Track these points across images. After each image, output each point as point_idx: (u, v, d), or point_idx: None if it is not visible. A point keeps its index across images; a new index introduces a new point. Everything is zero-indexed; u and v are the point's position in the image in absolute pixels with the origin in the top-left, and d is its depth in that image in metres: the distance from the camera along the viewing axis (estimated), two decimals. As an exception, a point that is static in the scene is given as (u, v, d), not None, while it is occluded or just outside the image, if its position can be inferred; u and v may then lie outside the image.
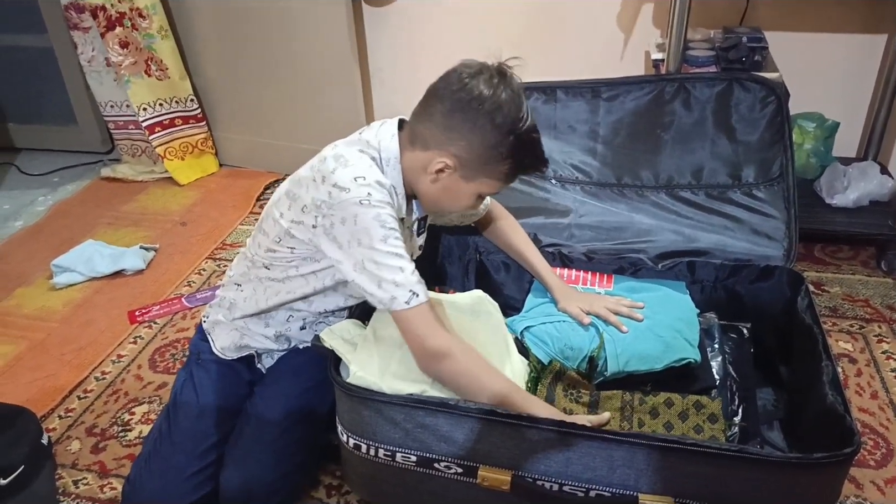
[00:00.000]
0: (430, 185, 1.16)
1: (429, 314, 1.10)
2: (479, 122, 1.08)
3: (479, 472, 1.09)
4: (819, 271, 1.97)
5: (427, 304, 1.10)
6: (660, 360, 1.29)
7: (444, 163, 1.11)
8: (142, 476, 1.24)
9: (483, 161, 1.11)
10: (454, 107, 1.10)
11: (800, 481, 1.00)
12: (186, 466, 1.22)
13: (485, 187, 1.16)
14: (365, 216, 1.07)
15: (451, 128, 1.10)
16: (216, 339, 1.38)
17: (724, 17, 2.12)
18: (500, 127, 1.08)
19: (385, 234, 1.07)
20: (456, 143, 1.11)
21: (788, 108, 1.51)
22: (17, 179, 2.77)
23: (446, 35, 2.42)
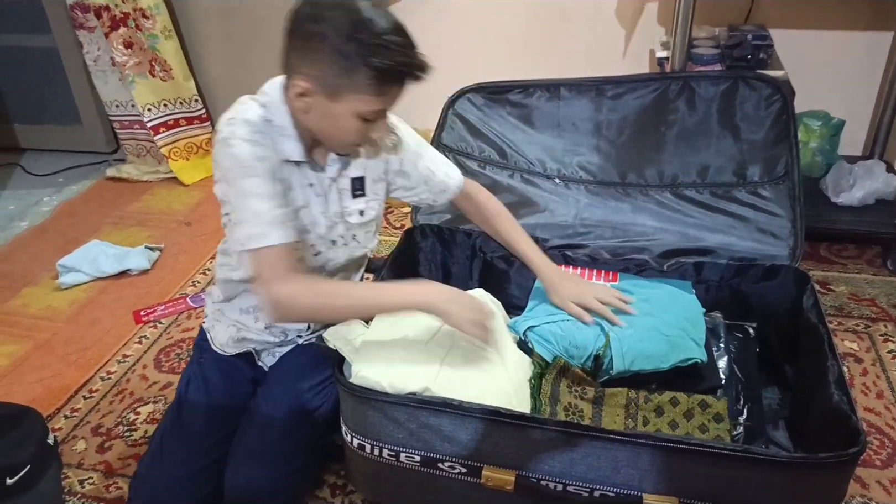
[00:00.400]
0: (306, 115, 1.12)
1: (277, 259, 1.08)
2: (317, 33, 1.06)
3: (483, 472, 1.09)
4: (825, 270, 1.96)
5: (280, 249, 1.08)
6: (666, 359, 1.29)
7: (300, 86, 1.09)
8: (148, 472, 1.24)
9: (336, 74, 1.06)
10: (295, 27, 1.09)
11: (805, 481, 0.99)
12: (192, 462, 1.23)
13: (359, 104, 1.08)
14: (225, 154, 1.10)
15: (296, 48, 1.09)
16: (215, 336, 1.39)
17: (730, 15, 2.11)
18: (339, 34, 1.04)
19: (241, 171, 1.09)
20: (305, 62, 1.08)
21: (794, 107, 1.51)
22: (22, 180, 2.78)
23: (449, 35, 2.41)
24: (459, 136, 1.64)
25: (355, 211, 1.28)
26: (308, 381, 1.29)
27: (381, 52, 1.04)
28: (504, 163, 1.64)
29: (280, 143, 1.16)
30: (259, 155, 1.10)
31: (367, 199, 1.28)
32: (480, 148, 1.64)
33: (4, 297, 2.04)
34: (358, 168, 1.26)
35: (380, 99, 1.09)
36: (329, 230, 1.26)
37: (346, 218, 1.27)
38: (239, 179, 1.09)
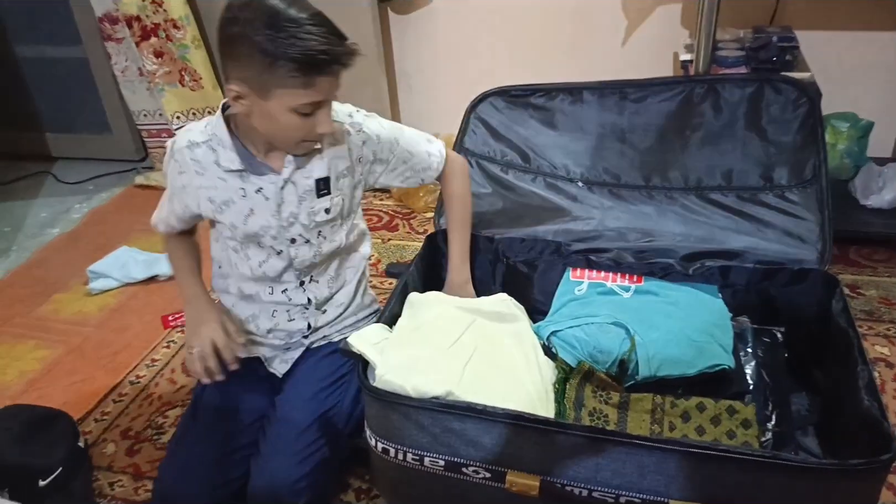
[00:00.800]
0: (249, 119, 1.15)
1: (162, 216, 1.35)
2: (237, 35, 1.07)
3: (508, 477, 1.08)
4: (854, 274, 1.93)
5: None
6: (693, 364, 1.28)
7: (233, 90, 1.10)
8: (167, 470, 1.27)
9: (260, 71, 1.06)
10: (220, 33, 1.10)
11: (836, 488, 0.98)
12: (209, 456, 1.25)
13: (289, 98, 1.09)
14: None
15: (224, 53, 1.11)
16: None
17: (754, 17, 2.09)
18: (255, 30, 1.04)
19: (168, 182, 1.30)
20: (233, 65, 1.09)
21: (821, 109, 1.49)
22: (53, 188, 2.84)
23: (472, 40, 2.42)
24: (482, 140, 1.64)
25: (321, 209, 1.29)
26: (321, 383, 1.33)
27: (298, 43, 1.04)
28: (527, 167, 1.64)
29: (221, 154, 1.22)
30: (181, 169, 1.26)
31: (332, 196, 1.30)
32: (503, 152, 1.64)
33: (37, 303, 2.09)
34: (321, 168, 1.27)
35: (309, 91, 1.09)
36: (283, 230, 1.28)
37: (314, 217, 1.29)
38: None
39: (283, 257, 1.30)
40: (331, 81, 1.10)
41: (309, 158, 1.25)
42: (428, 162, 1.39)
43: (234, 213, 1.26)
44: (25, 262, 2.32)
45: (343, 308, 1.41)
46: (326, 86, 1.10)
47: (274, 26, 1.04)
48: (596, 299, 1.46)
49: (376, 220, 2.40)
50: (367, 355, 1.17)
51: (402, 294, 1.37)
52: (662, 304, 1.42)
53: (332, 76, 1.10)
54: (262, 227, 1.26)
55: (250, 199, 1.24)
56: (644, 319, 1.36)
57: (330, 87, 1.11)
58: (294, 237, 1.29)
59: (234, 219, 1.26)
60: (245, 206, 1.25)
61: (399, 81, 2.58)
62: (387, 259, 2.18)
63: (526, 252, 1.58)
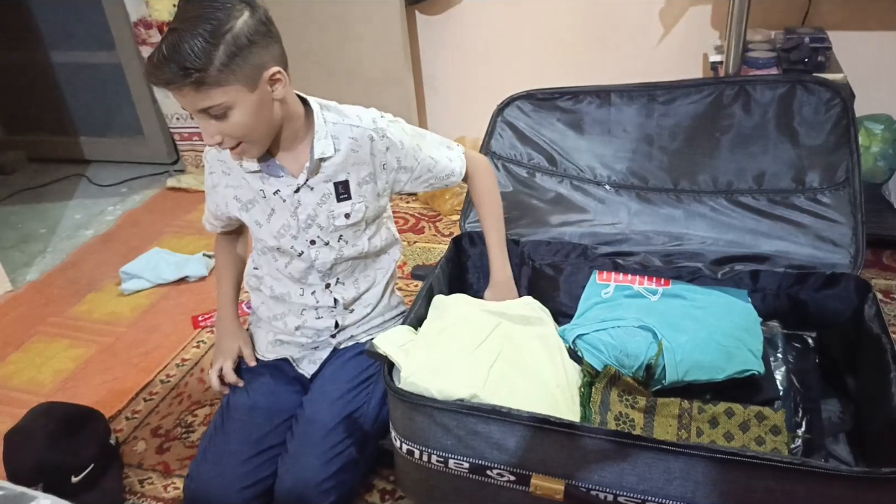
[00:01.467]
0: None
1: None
2: None
3: (532, 481, 1.08)
4: (888, 279, 1.89)
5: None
6: (722, 370, 1.26)
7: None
8: (199, 467, 1.29)
9: None
10: None
11: (867, 497, 0.96)
12: (240, 453, 1.27)
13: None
14: None
15: None
16: (256, 341, 1.47)
17: (786, 18, 2.07)
18: None
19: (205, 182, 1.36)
20: None
21: (854, 111, 1.46)
22: (88, 190, 2.89)
23: (499, 42, 2.42)
24: (509, 143, 1.64)
25: (341, 214, 1.30)
26: (348, 384, 1.35)
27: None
28: (553, 170, 1.63)
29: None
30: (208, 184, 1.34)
31: (353, 202, 1.30)
32: (530, 155, 1.64)
33: (71, 303, 2.13)
34: (340, 173, 1.28)
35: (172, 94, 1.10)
36: (302, 232, 1.30)
37: (333, 221, 1.30)
38: None
39: (305, 259, 1.32)
40: (177, 96, 1.09)
41: (328, 162, 1.26)
42: (451, 168, 1.39)
43: (259, 212, 1.30)
44: (60, 263, 2.37)
45: (370, 308, 1.42)
46: (178, 97, 1.09)
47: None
48: (623, 302, 1.45)
49: (402, 223, 2.41)
50: (393, 357, 1.17)
51: (427, 296, 1.37)
52: (690, 307, 1.40)
53: (172, 89, 1.08)
54: (283, 227, 1.29)
55: (269, 199, 1.28)
56: (672, 323, 1.34)
57: (180, 100, 1.10)
58: (313, 239, 1.31)
59: (259, 217, 1.30)
60: (266, 206, 1.29)
61: (426, 84, 2.59)
62: (413, 261, 2.19)
63: (552, 255, 1.57)
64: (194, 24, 1.04)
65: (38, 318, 2.08)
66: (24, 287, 2.24)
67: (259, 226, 1.31)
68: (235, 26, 1.06)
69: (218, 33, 1.05)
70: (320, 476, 1.23)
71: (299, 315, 1.39)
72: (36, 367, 1.86)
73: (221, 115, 1.12)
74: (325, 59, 2.45)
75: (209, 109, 1.10)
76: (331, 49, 2.42)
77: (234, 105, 1.11)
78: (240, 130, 1.15)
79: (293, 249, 1.31)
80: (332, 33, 2.38)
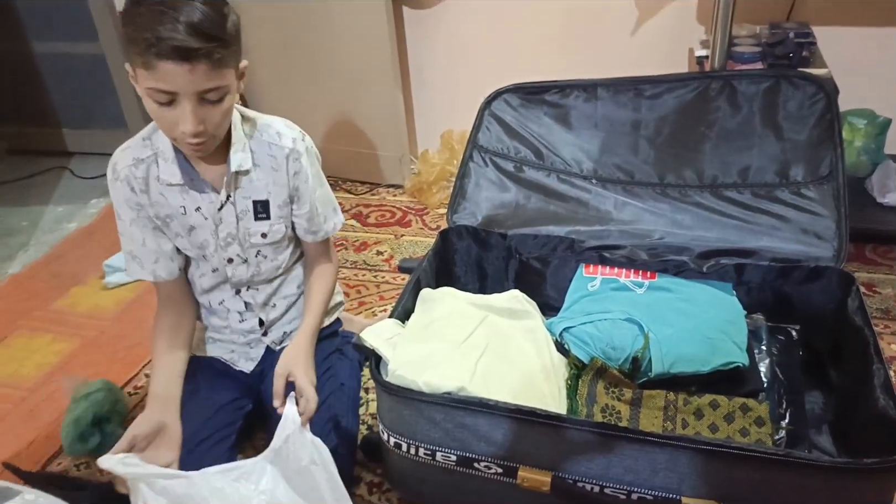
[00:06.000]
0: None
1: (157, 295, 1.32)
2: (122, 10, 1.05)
3: (519, 473, 1.09)
4: (870, 272, 1.91)
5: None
6: (707, 362, 1.27)
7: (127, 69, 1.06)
8: None
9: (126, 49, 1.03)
10: None
11: (849, 488, 0.97)
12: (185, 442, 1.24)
13: (142, 78, 1.03)
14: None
15: None
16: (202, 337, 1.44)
17: (771, 13, 2.08)
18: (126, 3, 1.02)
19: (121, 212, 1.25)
20: None
21: (838, 105, 1.47)
22: (70, 183, 2.86)
23: (486, 35, 2.42)
24: (496, 137, 1.64)
25: (257, 233, 1.27)
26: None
27: (139, 20, 0.99)
28: (541, 164, 1.64)
29: (162, 168, 1.19)
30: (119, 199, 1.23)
31: (272, 222, 1.27)
32: (517, 149, 1.64)
33: (54, 297, 2.11)
34: (261, 191, 1.24)
35: (151, 75, 1.01)
36: (221, 250, 1.27)
37: (249, 238, 1.27)
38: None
39: (219, 275, 1.30)
40: (177, 70, 1.00)
41: (248, 178, 1.22)
42: (323, 227, 1.35)
43: (178, 226, 1.25)
44: (43, 256, 2.34)
45: (294, 298, 1.40)
46: (172, 75, 1.01)
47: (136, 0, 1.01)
48: (609, 295, 1.45)
49: (389, 216, 2.41)
50: (380, 350, 1.18)
51: (414, 290, 1.37)
52: (676, 300, 1.41)
53: (176, 63, 1.00)
54: (203, 243, 1.26)
55: (190, 216, 1.23)
56: (658, 316, 1.35)
57: (178, 78, 1.01)
58: (231, 257, 1.28)
59: (179, 230, 1.25)
60: (186, 222, 1.24)
61: (413, 77, 2.58)
62: (399, 255, 2.18)
63: (539, 248, 1.58)
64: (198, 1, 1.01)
65: (21, 311, 2.05)
66: (6, 281, 2.22)
67: (181, 237, 1.27)
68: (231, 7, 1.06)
69: (226, 10, 1.04)
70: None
71: (224, 318, 1.37)
72: (19, 362, 1.84)
73: (217, 101, 1.07)
74: (310, 53, 2.44)
75: (211, 92, 1.05)
76: (316, 44, 2.41)
77: (230, 90, 1.09)
78: (223, 119, 1.11)
79: (209, 264, 1.29)
80: (317, 27, 2.37)
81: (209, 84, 1.04)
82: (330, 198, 1.37)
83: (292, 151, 1.24)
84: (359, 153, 2.58)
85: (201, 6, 1.01)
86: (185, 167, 1.19)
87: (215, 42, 1.01)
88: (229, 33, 1.05)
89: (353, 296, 1.99)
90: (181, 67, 1.00)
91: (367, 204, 2.50)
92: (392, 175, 2.58)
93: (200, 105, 1.06)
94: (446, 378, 1.12)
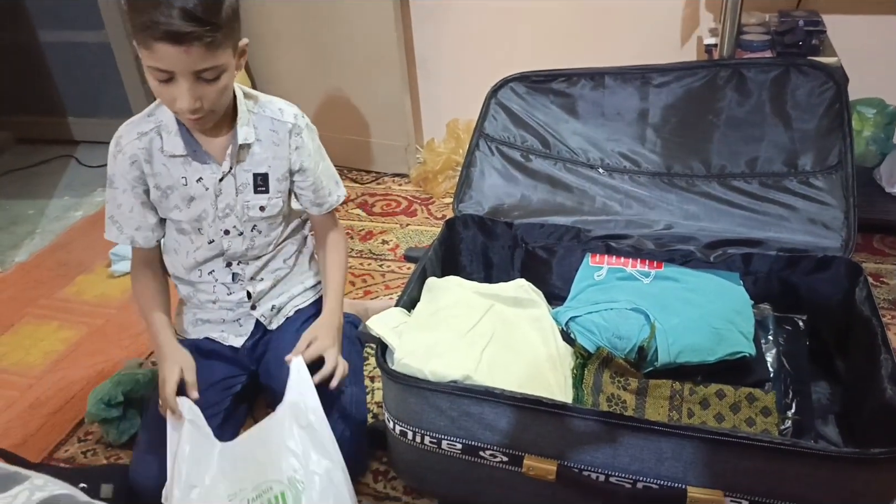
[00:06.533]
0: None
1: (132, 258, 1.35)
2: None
3: (525, 462, 1.09)
4: (878, 262, 1.91)
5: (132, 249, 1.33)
6: (713, 352, 1.27)
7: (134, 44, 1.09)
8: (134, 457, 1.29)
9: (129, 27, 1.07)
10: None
11: (856, 478, 0.97)
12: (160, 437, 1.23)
13: (142, 55, 1.08)
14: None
15: None
16: (180, 320, 1.44)
17: (780, 1, 2.06)
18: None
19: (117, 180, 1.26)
20: None
21: (847, 94, 1.46)
22: (76, 171, 2.86)
23: (493, 25, 2.40)
24: (502, 125, 1.64)
25: (256, 206, 1.30)
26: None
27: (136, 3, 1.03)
28: (547, 152, 1.63)
29: (165, 140, 1.23)
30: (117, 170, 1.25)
31: (270, 195, 1.30)
32: (523, 137, 1.63)
33: (60, 285, 2.12)
34: (261, 164, 1.28)
35: (149, 54, 1.06)
36: (219, 221, 1.29)
37: (247, 211, 1.29)
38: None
39: (214, 247, 1.32)
40: (172, 51, 1.04)
41: (250, 151, 1.26)
42: (328, 199, 1.39)
43: (177, 198, 1.27)
44: (49, 244, 2.35)
45: (282, 273, 1.41)
46: (167, 55, 1.05)
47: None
48: (615, 285, 1.45)
49: (395, 206, 2.40)
50: (386, 339, 1.18)
51: (420, 278, 1.37)
52: (683, 290, 1.41)
53: (170, 45, 1.03)
54: (202, 213, 1.28)
55: (191, 187, 1.26)
56: (664, 306, 1.35)
57: (173, 59, 1.05)
58: (228, 228, 1.30)
59: (178, 202, 1.27)
60: (186, 192, 1.26)
61: (419, 66, 2.57)
62: (405, 244, 2.18)
63: (545, 237, 1.57)
64: None
65: (27, 300, 2.06)
66: (12, 269, 2.22)
67: (178, 210, 1.28)
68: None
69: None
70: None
71: (212, 292, 1.38)
72: (25, 349, 1.85)
73: (213, 79, 1.11)
74: (315, 41, 2.43)
75: (207, 71, 1.09)
76: (322, 31, 2.40)
77: (226, 69, 1.12)
78: (220, 96, 1.15)
79: (205, 235, 1.31)
80: (324, 17, 2.36)
81: (204, 64, 1.08)
82: (332, 171, 1.41)
83: (294, 126, 1.29)
84: (365, 142, 2.58)
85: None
86: (188, 139, 1.23)
87: (208, 26, 1.05)
88: (224, 16, 1.08)
89: (358, 284, 2.00)
90: (176, 49, 1.04)
91: (372, 193, 2.50)
92: (398, 164, 2.58)
93: (197, 83, 1.10)
94: (452, 367, 1.12)
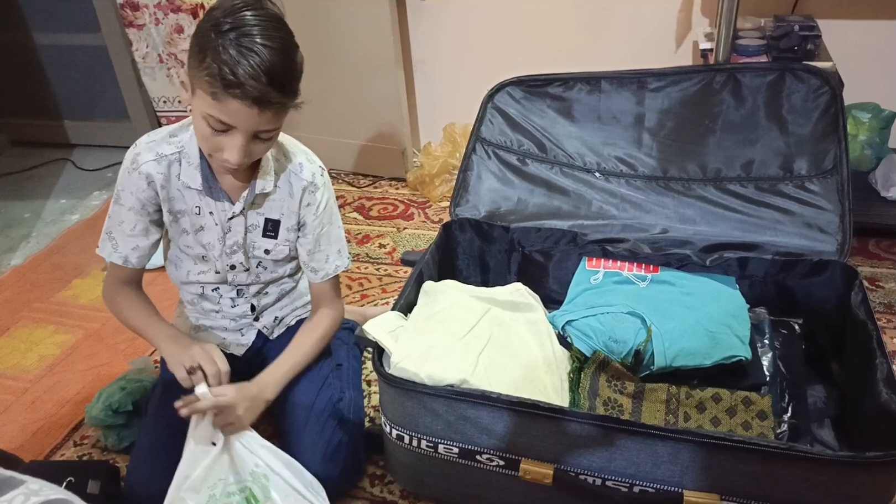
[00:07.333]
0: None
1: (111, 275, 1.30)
2: (198, 25, 1.05)
3: (521, 465, 1.09)
4: (874, 266, 1.91)
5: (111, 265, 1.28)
6: (709, 356, 1.27)
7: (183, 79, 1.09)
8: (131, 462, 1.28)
9: (193, 63, 1.03)
10: None
11: (852, 481, 0.97)
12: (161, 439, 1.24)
13: (201, 101, 1.04)
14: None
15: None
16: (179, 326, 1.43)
17: (775, 6, 2.07)
18: (209, 20, 1.02)
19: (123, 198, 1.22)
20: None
21: (842, 99, 1.47)
22: (73, 174, 2.86)
23: (489, 26, 2.41)
24: (499, 129, 1.64)
25: (261, 248, 1.30)
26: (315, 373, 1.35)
27: (226, 53, 0.99)
28: (544, 157, 1.63)
29: (184, 169, 1.21)
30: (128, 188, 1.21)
31: (277, 242, 1.30)
32: (520, 142, 1.64)
33: (56, 289, 2.11)
34: (275, 211, 1.27)
35: (216, 105, 1.03)
36: (225, 256, 1.29)
37: (253, 251, 1.29)
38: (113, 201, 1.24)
39: (220, 277, 1.32)
40: (245, 111, 1.03)
41: (267, 200, 1.26)
42: (324, 267, 1.32)
43: (188, 223, 1.26)
44: (45, 248, 2.34)
45: (288, 287, 1.41)
46: (238, 113, 1.03)
47: (221, 26, 1.00)
48: (612, 288, 1.45)
49: (392, 209, 2.40)
50: (383, 343, 1.18)
51: (417, 282, 1.37)
52: (679, 294, 1.41)
53: (246, 105, 1.02)
54: (207, 245, 1.28)
55: (203, 217, 1.25)
56: (660, 309, 1.35)
57: (243, 117, 1.04)
58: (234, 264, 1.30)
59: (186, 226, 1.27)
60: (197, 221, 1.26)
61: (416, 69, 2.57)
62: (402, 248, 2.18)
63: (542, 241, 1.57)
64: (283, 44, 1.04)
65: (23, 303, 2.06)
66: (8, 272, 2.22)
67: (187, 234, 1.27)
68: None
69: (299, 57, 1.08)
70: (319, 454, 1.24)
71: (216, 302, 1.37)
72: (21, 353, 1.84)
73: (268, 139, 1.11)
74: (312, 44, 2.42)
75: (266, 132, 1.09)
76: (318, 34, 2.40)
77: (280, 128, 1.13)
78: (265, 152, 1.16)
79: (211, 266, 1.31)
80: (320, 19, 2.36)
81: (269, 126, 1.08)
82: (337, 238, 1.34)
83: (310, 184, 1.26)
84: (361, 146, 2.58)
85: (281, 51, 1.03)
86: (207, 175, 1.22)
87: (289, 95, 1.06)
88: (298, 83, 1.08)
89: (355, 288, 1.99)
90: (250, 111, 1.03)
91: (369, 197, 2.50)
92: (395, 168, 2.58)
93: (253, 141, 1.09)
94: (448, 370, 1.12)
